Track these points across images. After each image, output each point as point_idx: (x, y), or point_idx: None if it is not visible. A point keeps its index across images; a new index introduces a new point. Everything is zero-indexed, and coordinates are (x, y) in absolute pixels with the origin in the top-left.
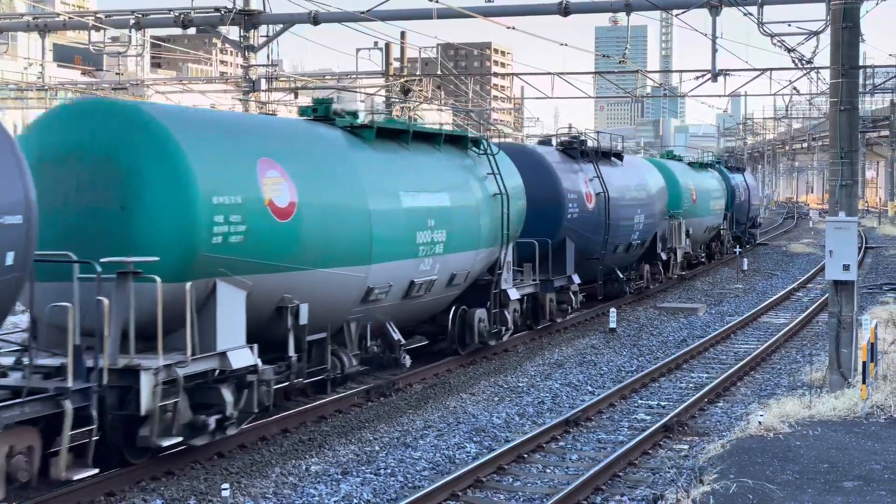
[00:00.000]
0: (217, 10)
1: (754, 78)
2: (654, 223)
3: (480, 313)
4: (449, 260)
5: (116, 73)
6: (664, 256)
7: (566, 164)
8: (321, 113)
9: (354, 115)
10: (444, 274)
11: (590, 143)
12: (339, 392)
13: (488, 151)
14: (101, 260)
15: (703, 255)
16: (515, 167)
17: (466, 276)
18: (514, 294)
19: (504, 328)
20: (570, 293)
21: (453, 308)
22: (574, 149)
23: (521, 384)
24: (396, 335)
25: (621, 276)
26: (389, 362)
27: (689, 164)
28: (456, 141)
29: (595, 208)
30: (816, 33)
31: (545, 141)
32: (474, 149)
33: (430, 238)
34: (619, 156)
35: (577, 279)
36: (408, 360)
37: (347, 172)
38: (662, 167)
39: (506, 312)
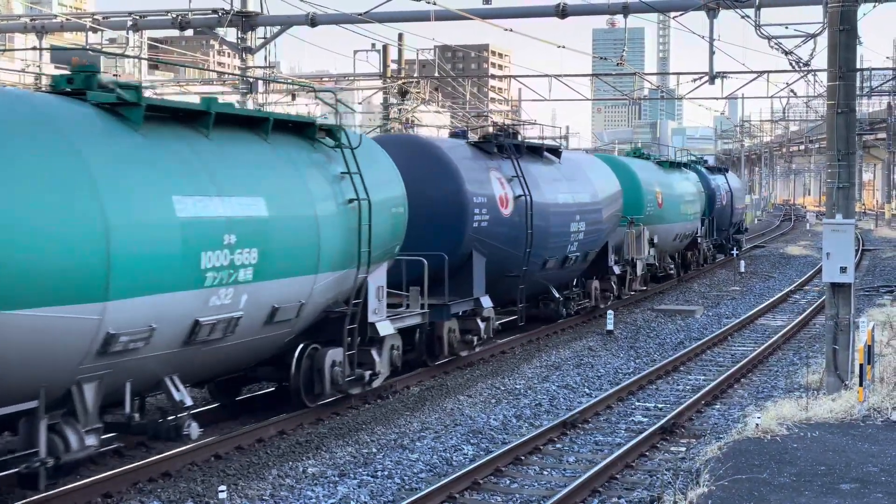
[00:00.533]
0: (214, 11)
1: (751, 80)
2: (603, 231)
3: (334, 354)
4: (264, 289)
5: (114, 75)
6: (618, 270)
7: (475, 162)
8: (79, 84)
9: (135, 88)
10: (256, 309)
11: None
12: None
13: (342, 144)
14: None
15: (673, 266)
16: (394, 165)
17: (300, 310)
18: (385, 328)
19: (371, 373)
20: (478, 320)
21: (300, 347)
22: (489, 143)
23: (518, 386)
24: (180, 394)
25: (556, 295)
26: (166, 433)
27: (659, 163)
28: (299, 129)
29: (513, 215)
30: (814, 36)
31: (458, 133)
32: (326, 140)
33: (226, 260)
34: (555, 151)
35: (487, 302)
36: (194, 430)
37: (72, 167)
38: (619, 166)
39: (373, 352)
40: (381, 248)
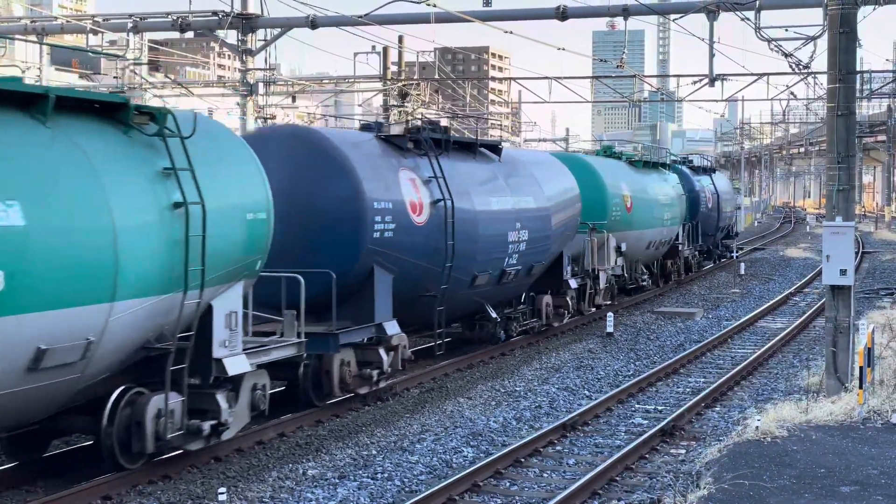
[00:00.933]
0: (215, 13)
1: (751, 83)
2: (553, 240)
3: (157, 402)
4: (18, 325)
5: (114, 77)
6: (574, 283)
7: (382, 160)
8: None
9: None
10: (9, 350)
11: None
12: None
13: (168, 132)
14: None
15: (647, 277)
16: (255, 158)
17: (86, 350)
18: (236, 365)
19: (218, 422)
20: (381, 350)
21: (116, 394)
22: (401, 137)
23: (518, 388)
24: None
25: (493, 315)
26: None
27: (632, 162)
28: (107, 111)
29: (429, 223)
30: (814, 38)
31: (371, 126)
32: (147, 127)
33: None
34: (493, 149)
35: (393, 329)
36: None
37: None
38: (580, 166)
39: (218, 396)
40: (226, 265)
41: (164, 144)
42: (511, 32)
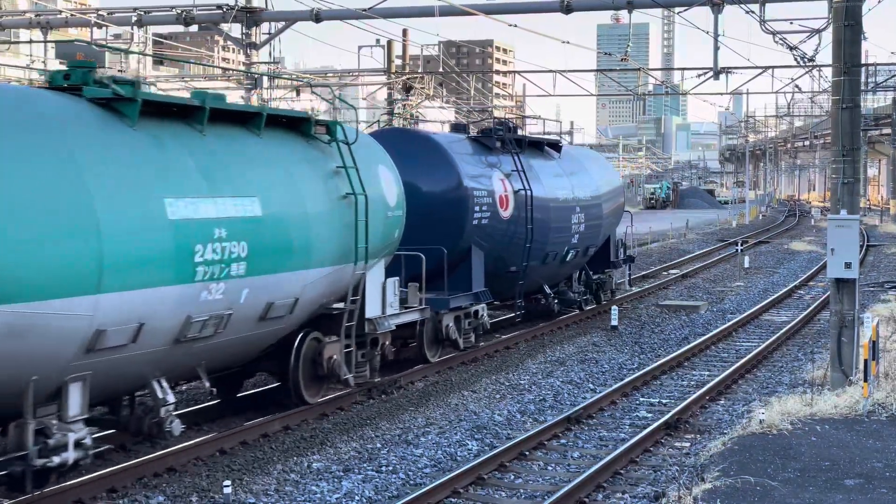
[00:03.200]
0: (219, 7)
1: (756, 76)
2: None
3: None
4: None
5: (119, 71)
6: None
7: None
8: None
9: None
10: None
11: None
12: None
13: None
14: None
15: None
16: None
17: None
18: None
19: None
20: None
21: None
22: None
23: (522, 382)
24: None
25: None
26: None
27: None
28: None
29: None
30: (818, 31)
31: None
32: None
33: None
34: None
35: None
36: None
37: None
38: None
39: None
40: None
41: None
42: (515, 26)
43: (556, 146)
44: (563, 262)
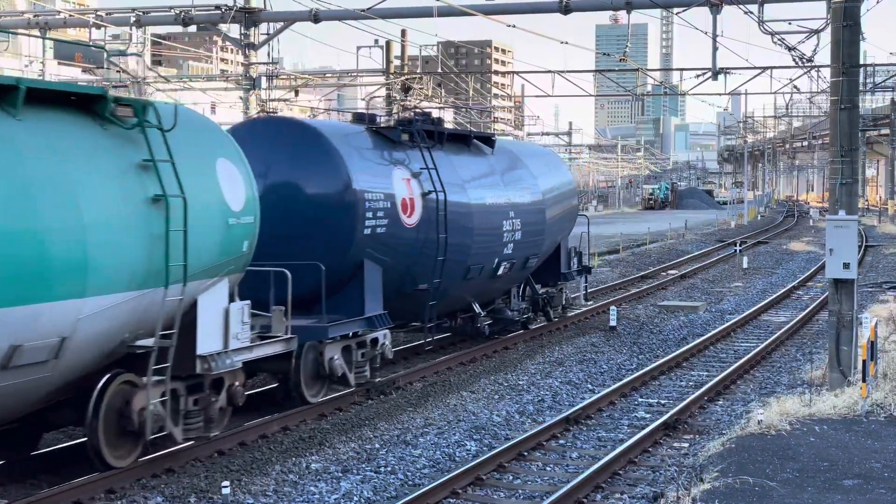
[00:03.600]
0: (218, 7)
1: (755, 76)
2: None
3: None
4: None
5: (117, 71)
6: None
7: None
8: None
9: None
10: None
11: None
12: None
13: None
14: None
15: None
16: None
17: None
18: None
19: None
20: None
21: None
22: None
23: (521, 382)
24: None
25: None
26: None
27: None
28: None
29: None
30: (817, 32)
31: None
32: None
33: None
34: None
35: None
36: None
37: None
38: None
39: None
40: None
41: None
42: (514, 26)
43: (488, 140)
44: (493, 277)
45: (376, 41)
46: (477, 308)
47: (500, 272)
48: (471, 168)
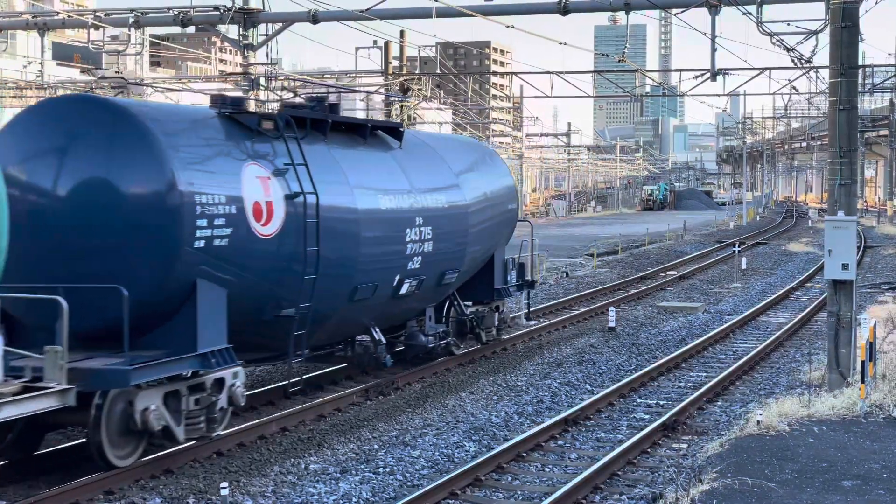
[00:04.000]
0: (216, 8)
1: (753, 77)
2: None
3: None
4: None
5: (115, 72)
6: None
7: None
8: None
9: None
10: None
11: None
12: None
13: None
14: None
15: None
16: None
17: None
18: None
19: None
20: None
21: None
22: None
23: (520, 383)
24: None
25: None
26: None
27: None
28: None
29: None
30: (815, 32)
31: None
32: None
33: None
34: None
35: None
36: None
37: None
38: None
39: None
40: None
41: None
42: (513, 27)
43: (393, 131)
44: (396, 297)
45: (375, 42)
46: (376, 334)
47: (403, 291)
48: (364, 165)
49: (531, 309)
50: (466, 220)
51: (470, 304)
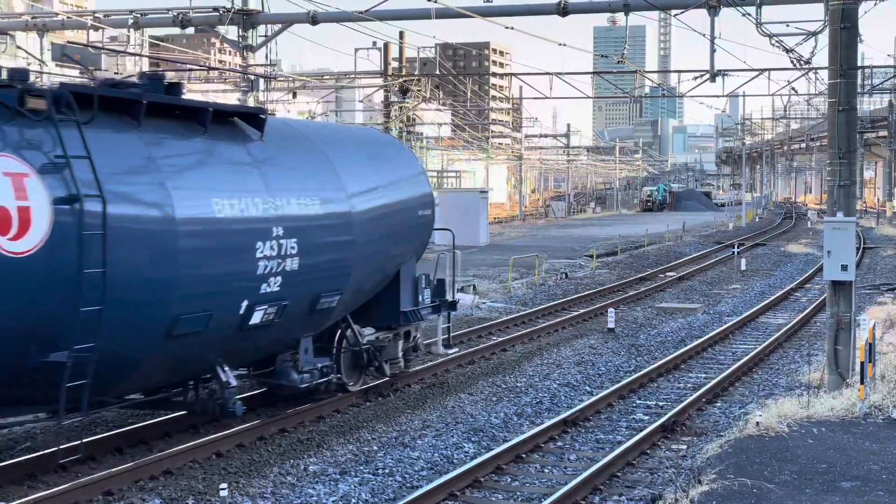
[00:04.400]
0: (216, 9)
1: (753, 78)
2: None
3: None
4: None
5: (115, 73)
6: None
7: None
8: None
9: None
10: None
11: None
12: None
13: None
14: None
15: None
16: None
17: None
18: None
19: None
20: None
21: None
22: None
23: (519, 384)
24: None
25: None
26: None
27: None
28: None
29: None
30: (815, 34)
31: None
32: None
33: None
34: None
35: None
36: None
37: None
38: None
39: None
40: None
41: None
42: (512, 28)
43: (252, 119)
44: (245, 329)
45: (374, 43)
46: (224, 375)
47: (256, 321)
48: (195, 160)
49: (451, 334)
50: (351, 230)
51: (373, 330)
